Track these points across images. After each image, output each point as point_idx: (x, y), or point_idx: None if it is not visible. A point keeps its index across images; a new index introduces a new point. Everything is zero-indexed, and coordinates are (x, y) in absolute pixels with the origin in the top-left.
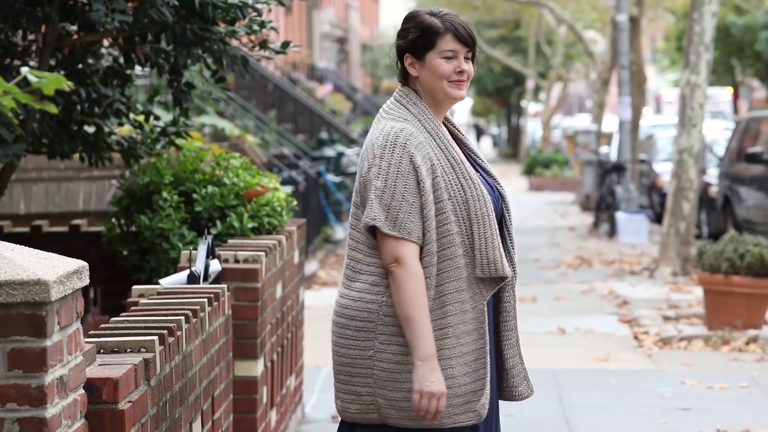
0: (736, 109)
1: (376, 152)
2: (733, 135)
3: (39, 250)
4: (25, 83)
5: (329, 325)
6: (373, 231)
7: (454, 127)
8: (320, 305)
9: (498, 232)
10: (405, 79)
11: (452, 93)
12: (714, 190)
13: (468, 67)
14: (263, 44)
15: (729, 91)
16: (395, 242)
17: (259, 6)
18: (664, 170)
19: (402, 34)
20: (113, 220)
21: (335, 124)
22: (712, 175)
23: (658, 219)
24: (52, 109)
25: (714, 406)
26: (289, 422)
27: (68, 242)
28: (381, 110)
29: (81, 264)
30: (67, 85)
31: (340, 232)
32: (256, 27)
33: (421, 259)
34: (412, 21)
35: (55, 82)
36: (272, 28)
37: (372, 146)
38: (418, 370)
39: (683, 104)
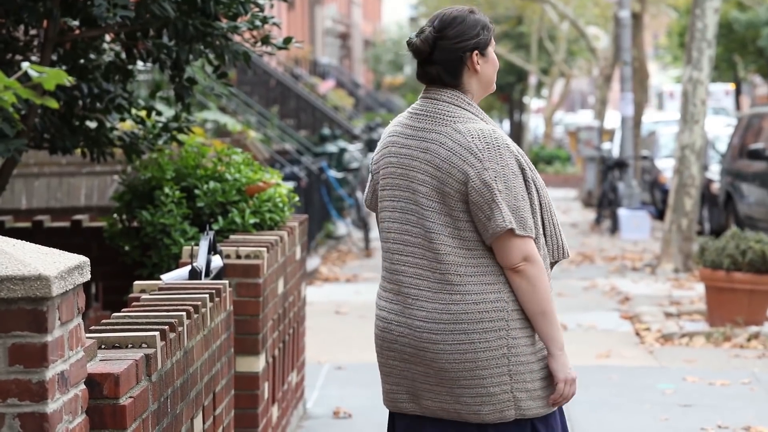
0: (738, 106)
1: (482, 155)
2: (735, 131)
3: (40, 246)
4: (26, 78)
5: (331, 321)
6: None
7: None
8: (322, 301)
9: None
10: (457, 80)
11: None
12: (716, 187)
13: None
14: (265, 40)
15: (731, 87)
16: (523, 241)
17: (261, 1)
18: (666, 166)
19: (471, 33)
20: (115, 215)
21: (337, 120)
22: (714, 171)
23: (660, 215)
24: (53, 104)
25: (715, 403)
26: (290, 418)
27: (70, 237)
28: (437, 113)
29: (82, 259)
30: (68, 80)
31: (342, 228)
32: (258, 23)
33: None
34: (471, 19)
35: (56, 77)
36: (274, 23)
37: (469, 149)
38: (559, 359)
39: (685, 100)
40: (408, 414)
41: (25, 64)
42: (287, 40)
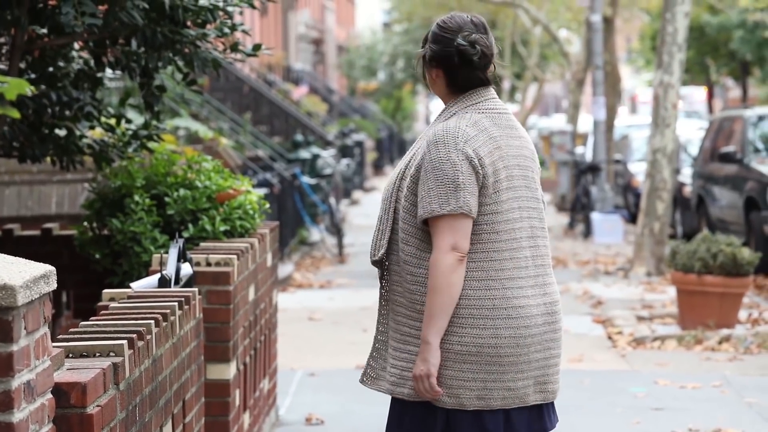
0: (711, 109)
1: None
2: (706, 135)
3: (6, 255)
4: None
5: (304, 328)
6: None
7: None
8: (295, 308)
9: None
10: None
11: None
12: (688, 190)
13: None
14: (234, 47)
15: (704, 90)
16: None
17: (230, 9)
18: (638, 170)
19: None
20: (85, 223)
21: (311, 126)
22: (687, 174)
23: (633, 219)
24: (15, 114)
25: (686, 406)
26: (262, 425)
27: (40, 246)
28: (508, 111)
29: (48, 268)
30: (29, 90)
31: (315, 234)
32: (226, 30)
33: None
34: None
35: (18, 87)
36: (243, 30)
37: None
38: None
39: (656, 104)
40: (527, 407)
41: None
42: (256, 47)
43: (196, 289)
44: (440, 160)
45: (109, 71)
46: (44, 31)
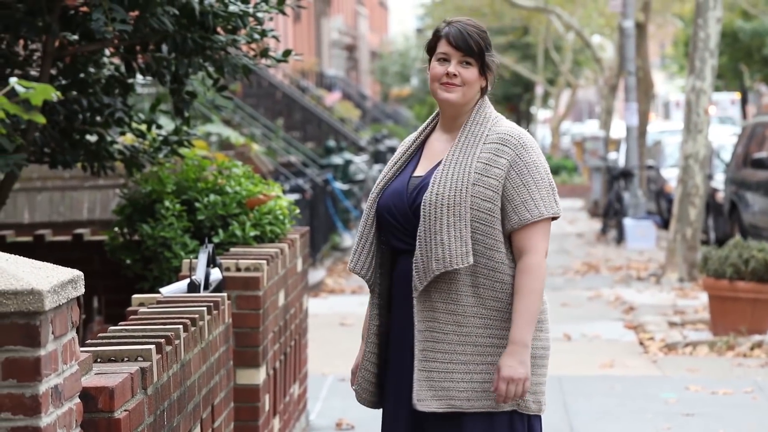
0: (744, 115)
1: None
2: (739, 140)
3: (34, 260)
4: (16, 93)
5: (335, 333)
6: None
7: (467, 130)
8: (327, 313)
9: (367, 230)
10: None
11: (440, 95)
12: (721, 196)
13: (462, 70)
14: (264, 53)
15: (736, 96)
16: None
17: (260, 15)
18: (671, 176)
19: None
20: (116, 229)
21: (343, 131)
22: (719, 180)
23: (665, 225)
24: (41, 119)
25: (717, 412)
26: (293, 430)
27: (71, 251)
28: None
29: (76, 273)
30: (56, 95)
31: (347, 239)
32: (256, 36)
33: None
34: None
35: (43, 92)
36: (273, 36)
37: None
38: None
39: (689, 110)
40: None
41: (12, 80)
42: (286, 53)
43: (225, 294)
44: (535, 164)
45: (139, 77)
46: (75, 37)
